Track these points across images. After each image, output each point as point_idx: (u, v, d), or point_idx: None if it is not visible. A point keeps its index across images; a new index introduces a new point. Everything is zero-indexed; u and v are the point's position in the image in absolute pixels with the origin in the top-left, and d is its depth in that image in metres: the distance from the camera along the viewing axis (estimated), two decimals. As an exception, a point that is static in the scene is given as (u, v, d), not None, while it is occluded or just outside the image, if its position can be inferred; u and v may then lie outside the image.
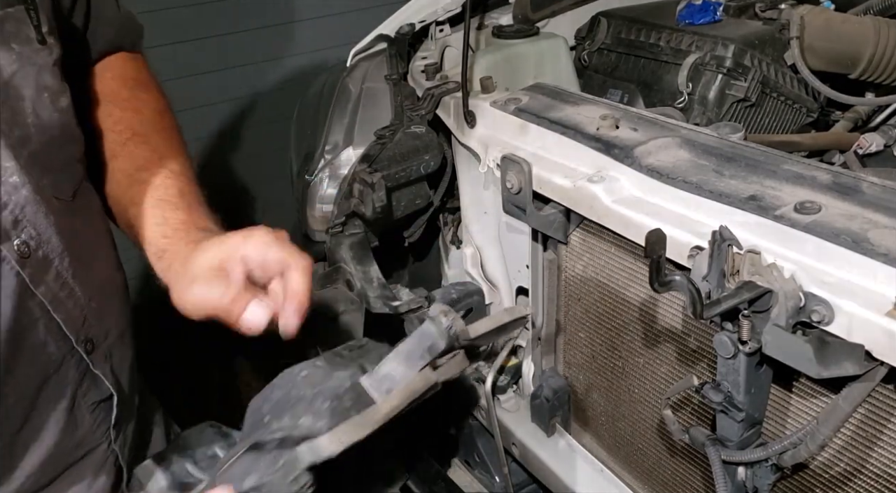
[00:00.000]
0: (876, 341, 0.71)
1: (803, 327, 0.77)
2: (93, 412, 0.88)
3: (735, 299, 0.74)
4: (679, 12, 1.49)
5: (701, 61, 1.39)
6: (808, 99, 1.47)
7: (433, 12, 1.58)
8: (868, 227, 0.77)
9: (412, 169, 1.38)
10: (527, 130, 1.16)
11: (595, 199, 0.99)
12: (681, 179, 0.93)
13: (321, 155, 1.46)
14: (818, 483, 0.88)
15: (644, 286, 1.02)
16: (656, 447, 1.11)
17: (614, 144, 1.03)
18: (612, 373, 1.16)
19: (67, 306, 0.81)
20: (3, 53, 0.74)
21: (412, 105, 1.42)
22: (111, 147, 0.93)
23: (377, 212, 1.32)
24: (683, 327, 0.97)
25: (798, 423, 0.88)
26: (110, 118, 0.95)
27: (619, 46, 1.54)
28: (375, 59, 1.57)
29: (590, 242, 1.10)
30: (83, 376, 0.85)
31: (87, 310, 0.84)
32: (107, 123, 0.94)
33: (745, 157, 0.95)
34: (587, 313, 1.17)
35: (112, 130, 0.94)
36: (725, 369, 0.82)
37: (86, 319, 0.84)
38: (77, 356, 0.83)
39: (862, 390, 0.76)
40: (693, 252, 0.85)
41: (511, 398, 1.43)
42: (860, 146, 1.36)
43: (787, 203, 0.84)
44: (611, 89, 1.54)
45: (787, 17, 1.43)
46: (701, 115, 1.39)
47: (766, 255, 0.79)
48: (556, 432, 1.32)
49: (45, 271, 0.78)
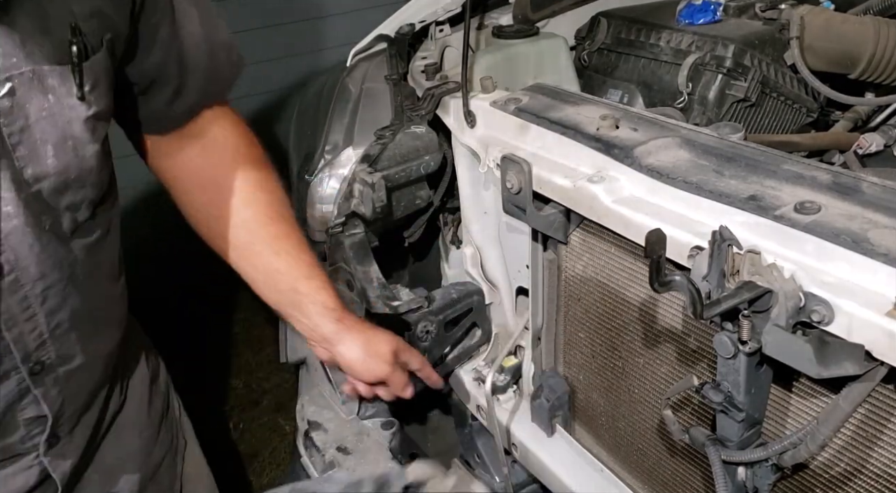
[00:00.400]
0: (876, 341, 0.71)
1: (803, 327, 0.77)
2: (27, 424, 0.91)
3: (735, 299, 0.74)
4: (679, 12, 1.49)
5: (701, 61, 1.39)
6: (808, 99, 1.47)
7: (433, 12, 1.58)
8: (868, 227, 0.77)
9: (412, 169, 1.38)
10: (527, 130, 1.16)
11: (595, 199, 0.99)
12: (681, 179, 0.93)
13: (321, 155, 1.46)
14: (818, 483, 0.88)
15: (644, 286, 1.02)
16: (656, 447, 1.11)
17: (614, 144, 1.03)
18: (612, 373, 1.16)
19: (22, 328, 0.84)
20: (38, 101, 0.77)
21: (412, 105, 1.42)
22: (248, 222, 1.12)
23: (377, 212, 1.32)
24: (683, 327, 0.97)
25: (798, 423, 0.88)
26: (243, 193, 1.11)
27: (619, 46, 1.54)
28: (375, 59, 1.57)
29: (590, 242, 1.10)
30: (23, 393, 0.88)
31: (50, 336, 0.87)
32: (242, 198, 1.11)
33: (745, 157, 0.95)
34: (587, 313, 1.17)
35: (249, 206, 1.11)
36: (725, 369, 0.82)
37: (44, 343, 0.87)
38: (20, 374, 0.86)
39: (862, 390, 0.76)
40: (693, 252, 0.85)
41: (511, 398, 1.43)
42: (860, 146, 1.36)
43: (787, 203, 0.84)
44: (611, 89, 1.54)
45: (787, 17, 1.43)
46: (701, 115, 1.39)
47: (766, 255, 0.79)
48: (556, 432, 1.32)
49: (12, 292, 0.81)
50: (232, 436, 2.58)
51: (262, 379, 2.82)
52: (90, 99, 0.82)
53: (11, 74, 0.74)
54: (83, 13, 0.80)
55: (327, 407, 1.54)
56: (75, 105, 0.80)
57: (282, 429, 2.57)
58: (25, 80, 0.76)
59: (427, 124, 1.40)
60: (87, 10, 0.80)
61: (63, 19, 0.77)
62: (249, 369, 2.88)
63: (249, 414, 2.67)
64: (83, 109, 0.81)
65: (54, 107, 0.79)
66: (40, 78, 0.77)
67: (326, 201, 1.41)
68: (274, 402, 2.70)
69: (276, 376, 2.80)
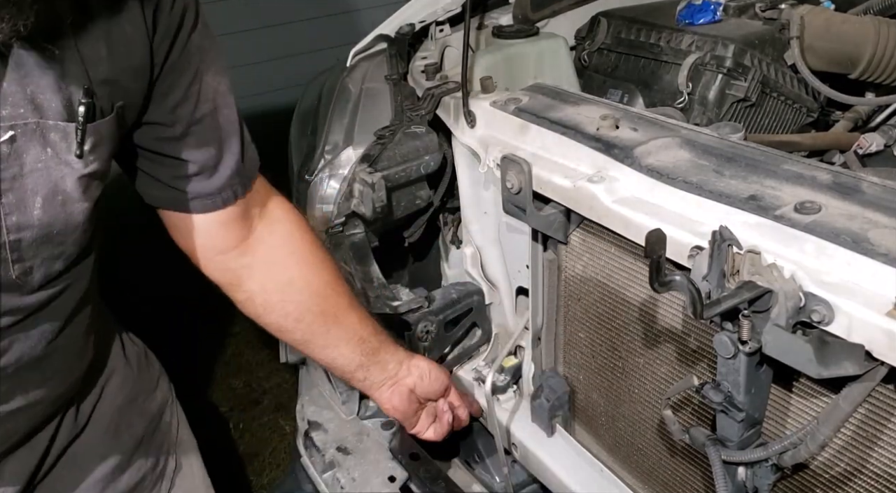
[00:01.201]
0: (876, 341, 0.71)
1: (803, 327, 0.77)
2: None
3: (735, 299, 0.74)
4: (679, 12, 1.49)
5: (701, 61, 1.39)
6: (808, 99, 1.47)
7: (433, 12, 1.58)
8: (868, 227, 0.77)
9: (412, 169, 1.38)
10: (527, 130, 1.16)
11: (595, 199, 0.99)
12: (681, 179, 0.93)
13: (321, 155, 1.46)
14: (818, 483, 0.88)
15: (644, 286, 1.02)
16: (656, 447, 1.11)
17: (614, 144, 1.03)
18: (612, 373, 1.16)
19: None
20: (35, 152, 0.78)
21: (412, 105, 1.42)
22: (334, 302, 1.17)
23: (377, 212, 1.32)
24: (683, 327, 0.97)
25: (798, 423, 0.88)
26: (322, 277, 1.15)
27: (619, 46, 1.54)
28: (375, 59, 1.57)
29: (590, 243, 1.10)
30: None
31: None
32: (323, 279, 1.15)
33: (745, 157, 0.95)
34: (587, 313, 1.17)
35: (331, 288, 1.16)
36: (725, 369, 0.82)
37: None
38: None
39: (862, 390, 0.76)
40: (693, 252, 0.85)
41: (511, 398, 1.43)
42: (860, 146, 1.36)
43: (787, 203, 0.84)
44: (611, 89, 1.54)
45: (787, 17, 1.43)
46: (701, 115, 1.39)
47: (766, 255, 0.79)
48: (556, 432, 1.32)
49: None
50: (232, 436, 2.58)
51: (262, 379, 2.82)
52: (88, 158, 0.82)
53: (16, 123, 0.75)
54: (97, 78, 0.81)
55: (327, 407, 1.54)
56: (72, 161, 0.80)
57: (282, 429, 2.57)
58: (28, 131, 0.76)
59: (427, 124, 1.39)
60: (102, 77, 0.81)
61: (78, 80, 0.78)
62: (249, 369, 2.88)
63: (249, 414, 2.67)
64: (80, 165, 0.81)
65: (51, 160, 0.79)
66: (43, 131, 0.77)
67: (326, 201, 1.41)
68: (274, 402, 2.70)
69: (276, 376, 2.80)
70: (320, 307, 1.15)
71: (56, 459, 1.02)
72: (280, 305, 1.13)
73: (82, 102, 0.78)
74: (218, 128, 0.98)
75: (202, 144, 0.97)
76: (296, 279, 1.13)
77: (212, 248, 1.08)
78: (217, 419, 2.65)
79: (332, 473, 1.40)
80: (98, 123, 0.81)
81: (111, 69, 0.82)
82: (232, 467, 2.43)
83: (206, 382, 2.83)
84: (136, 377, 1.17)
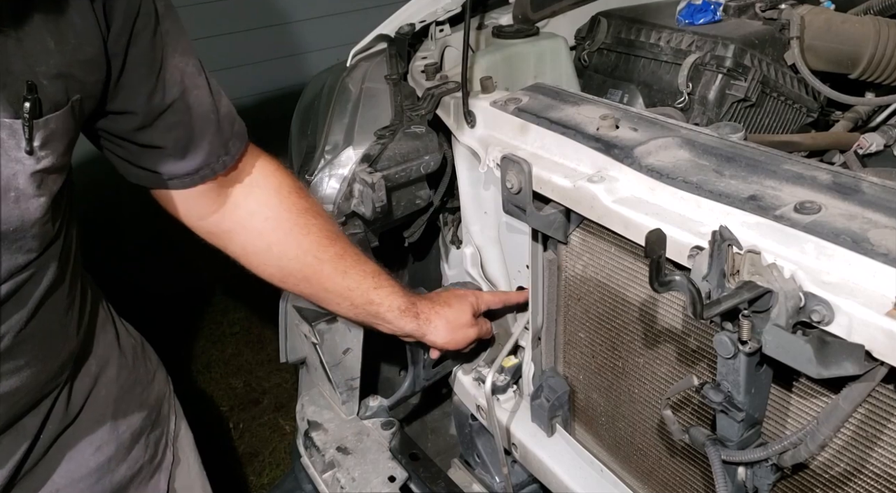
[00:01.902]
0: (876, 341, 0.71)
1: (803, 327, 0.77)
2: None
3: (735, 299, 0.74)
4: (679, 12, 1.49)
5: (701, 61, 1.39)
6: (808, 99, 1.47)
7: (433, 12, 1.58)
8: (868, 227, 0.77)
9: (412, 169, 1.38)
10: (527, 130, 1.16)
11: (595, 199, 0.99)
12: (681, 179, 0.93)
13: (321, 155, 1.46)
14: (818, 483, 0.88)
15: (644, 286, 1.02)
16: (656, 447, 1.11)
17: (614, 144, 1.03)
18: (612, 373, 1.16)
19: None
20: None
21: (412, 105, 1.42)
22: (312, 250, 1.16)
23: (377, 212, 1.32)
24: (683, 327, 0.97)
25: (798, 423, 0.88)
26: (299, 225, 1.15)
27: (619, 46, 1.54)
28: (375, 59, 1.57)
29: (590, 243, 1.10)
30: None
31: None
32: (300, 229, 1.15)
33: (745, 157, 0.95)
34: (587, 312, 1.17)
35: (308, 234, 1.16)
36: (725, 369, 0.82)
37: None
38: None
39: (862, 390, 0.76)
40: (693, 252, 0.85)
41: (511, 398, 1.43)
42: (860, 146, 1.36)
43: (787, 203, 0.84)
44: (611, 89, 1.54)
45: (787, 17, 1.43)
46: (701, 115, 1.39)
47: (766, 255, 0.79)
48: (555, 432, 1.32)
49: None
50: (232, 436, 2.58)
51: (262, 379, 2.82)
52: (40, 154, 0.81)
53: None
54: (48, 73, 0.80)
55: (327, 407, 1.54)
56: (22, 158, 0.80)
57: (282, 429, 2.57)
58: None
59: (427, 124, 1.40)
60: (54, 71, 0.81)
61: (22, 76, 0.78)
62: (249, 368, 2.88)
63: (249, 414, 2.67)
64: (31, 162, 0.81)
65: (0, 158, 0.78)
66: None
67: (326, 201, 1.41)
68: (274, 402, 2.70)
69: (276, 376, 2.80)
70: (303, 273, 1.17)
71: (47, 447, 1.01)
72: (262, 267, 1.17)
73: (27, 98, 0.77)
74: (189, 110, 0.98)
75: (173, 128, 0.97)
76: (273, 245, 1.14)
77: (193, 215, 1.11)
78: (217, 418, 2.65)
79: (332, 473, 1.40)
80: (49, 118, 0.81)
81: (63, 62, 0.81)
82: (231, 466, 2.43)
83: (205, 381, 2.83)
84: (131, 368, 1.17)
